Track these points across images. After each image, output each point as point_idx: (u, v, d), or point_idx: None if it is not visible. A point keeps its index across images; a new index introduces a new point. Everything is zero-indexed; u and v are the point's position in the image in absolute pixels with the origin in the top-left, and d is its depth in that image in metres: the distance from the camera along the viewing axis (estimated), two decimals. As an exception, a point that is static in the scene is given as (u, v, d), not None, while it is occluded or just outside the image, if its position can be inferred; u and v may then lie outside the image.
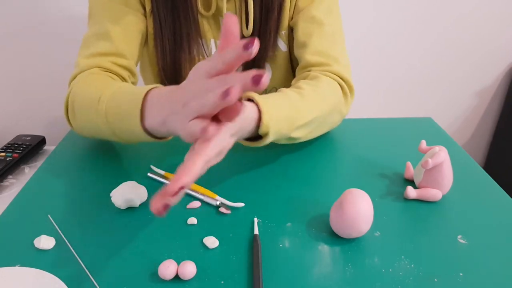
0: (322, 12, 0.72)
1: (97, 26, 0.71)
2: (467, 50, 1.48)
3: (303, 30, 0.72)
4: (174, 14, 0.70)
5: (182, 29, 0.71)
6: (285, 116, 0.55)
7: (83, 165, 0.64)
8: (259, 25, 0.72)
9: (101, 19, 0.70)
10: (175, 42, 0.72)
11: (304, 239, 0.48)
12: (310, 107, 0.60)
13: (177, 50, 0.73)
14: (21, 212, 0.53)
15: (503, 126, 1.59)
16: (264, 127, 0.51)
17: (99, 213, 0.53)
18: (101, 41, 0.69)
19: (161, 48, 0.73)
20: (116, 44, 0.69)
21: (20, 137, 0.81)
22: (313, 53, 0.71)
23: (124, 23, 0.70)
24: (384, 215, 0.52)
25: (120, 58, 0.69)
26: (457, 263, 0.44)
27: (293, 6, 0.74)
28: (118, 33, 0.69)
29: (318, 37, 0.71)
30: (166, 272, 0.42)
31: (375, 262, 0.45)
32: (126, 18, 0.70)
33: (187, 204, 0.54)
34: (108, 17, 0.70)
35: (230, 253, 0.46)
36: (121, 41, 0.70)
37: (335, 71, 0.69)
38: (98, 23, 0.71)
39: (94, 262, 0.45)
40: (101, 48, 0.69)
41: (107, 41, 0.69)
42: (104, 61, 0.68)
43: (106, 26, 0.69)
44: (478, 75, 1.54)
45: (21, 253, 0.46)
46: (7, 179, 0.70)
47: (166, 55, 0.73)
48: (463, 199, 0.55)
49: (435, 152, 0.53)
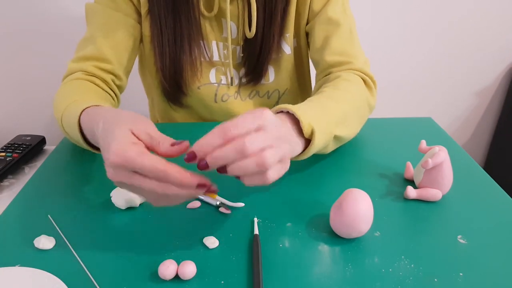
0: (337, 13, 0.72)
1: (88, 31, 0.73)
2: (467, 50, 1.48)
3: (321, 33, 0.72)
4: (175, 15, 0.70)
5: (183, 31, 0.71)
6: (318, 113, 0.54)
7: (83, 165, 0.64)
8: (262, 27, 0.72)
9: (92, 25, 0.72)
10: (175, 44, 0.72)
11: (304, 239, 0.48)
12: (337, 102, 0.59)
13: (177, 52, 0.72)
14: (21, 212, 0.53)
15: (503, 126, 1.59)
16: (306, 126, 0.50)
17: (99, 213, 0.53)
18: (87, 45, 0.71)
19: (159, 50, 0.73)
20: (99, 48, 0.70)
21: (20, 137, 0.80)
22: (332, 54, 0.71)
23: (111, 28, 0.71)
24: (384, 215, 0.52)
25: (102, 63, 0.71)
26: (457, 263, 0.44)
27: (307, 9, 0.73)
28: (103, 38, 0.71)
29: (337, 38, 0.72)
30: (166, 272, 0.42)
31: (375, 262, 0.45)
32: (115, 23, 0.71)
33: (187, 204, 0.54)
34: (97, 23, 0.72)
35: (230, 253, 0.46)
36: (106, 45, 0.71)
37: (356, 68, 0.70)
38: (89, 29, 0.73)
39: (94, 262, 0.45)
40: (86, 52, 0.71)
41: (92, 45, 0.71)
42: (87, 65, 0.70)
43: (93, 31, 0.71)
44: (478, 75, 1.54)
45: (21, 253, 0.46)
46: (7, 179, 0.70)
47: (165, 57, 0.73)
48: (463, 199, 0.55)
49: (435, 152, 0.53)
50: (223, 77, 0.78)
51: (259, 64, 0.75)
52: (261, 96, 0.81)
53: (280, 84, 0.80)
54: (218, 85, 0.78)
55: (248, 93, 0.80)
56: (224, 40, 0.75)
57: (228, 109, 0.79)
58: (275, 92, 0.81)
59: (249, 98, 0.81)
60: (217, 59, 0.77)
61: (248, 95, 0.81)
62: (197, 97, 0.78)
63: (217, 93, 0.78)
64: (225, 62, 0.77)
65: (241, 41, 0.75)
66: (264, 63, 0.75)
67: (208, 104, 0.79)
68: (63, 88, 0.68)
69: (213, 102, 0.79)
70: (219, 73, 0.78)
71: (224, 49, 0.76)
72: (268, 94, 0.81)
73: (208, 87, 0.77)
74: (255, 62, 0.75)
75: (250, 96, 0.81)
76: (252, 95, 0.81)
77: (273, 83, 0.79)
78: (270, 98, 0.81)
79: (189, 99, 0.79)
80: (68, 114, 0.58)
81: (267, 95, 0.81)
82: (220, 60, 0.77)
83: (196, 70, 0.75)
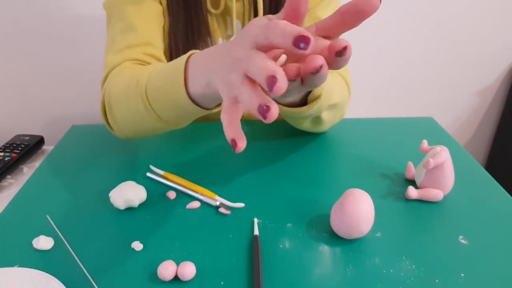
0: (327, 14, 0.72)
1: (120, 23, 0.69)
2: (468, 50, 1.48)
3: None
4: (186, 12, 0.70)
5: (194, 27, 0.71)
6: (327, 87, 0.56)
7: (82, 165, 0.64)
8: None
9: (123, 15, 0.69)
10: (188, 40, 0.72)
11: (305, 240, 0.48)
12: (336, 90, 0.62)
13: (190, 48, 0.72)
14: (20, 212, 0.53)
15: (504, 125, 1.59)
16: (319, 89, 0.52)
17: (98, 214, 0.53)
18: (127, 34, 0.68)
19: (175, 46, 0.72)
20: (142, 33, 0.68)
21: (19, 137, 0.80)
22: None
23: (146, 14, 0.69)
24: (385, 216, 0.51)
25: (148, 47, 0.68)
26: (458, 264, 0.44)
27: None
28: (143, 23, 0.68)
29: None
30: (166, 272, 0.41)
31: (376, 262, 0.44)
32: (148, 10, 0.70)
33: (186, 205, 0.54)
34: (130, 11, 0.69)
35: (230, 253, 0.46)
36: (147, 30, 0.68)
37: (339, 73, 0.71)
38: (121, 20, 0.69)
39: (93, 263, 0.45)
40: (128, 40, 0.67)
41: (133, 32, 0.68)
42: (133, 52, 0.66)
43: (130, 19, 0.68)
44: (480, 75, 1.54)
45: (19, 253, 0.46)
46: (5, 179, 0.70)
47: (179, 52, 0.72)
48: (464, 199, 0.55)
49: (437, 152, 0.52)
50: None
51: None
52: None
53: None
54: None
55: None
56: (229, 37, 0.76)
57: None
58: None
59: None
60: None
61: None
62: None
63: None
64: None
65: None
66: None
67: None
68: (117, 76, 0.60)
69: None
70: None
71: None
72: None
73: None
74: None
75: None
76: None
77: None
78: None
79: None
80: (159, 74, 0.50)
81: None
82: None
83: None
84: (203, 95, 0.44)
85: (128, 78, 0.56)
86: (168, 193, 0.56)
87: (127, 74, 0.58)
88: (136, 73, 0.55)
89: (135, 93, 0.53)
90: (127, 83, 0.55)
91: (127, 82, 0.55)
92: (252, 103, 0.32)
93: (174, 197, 0.56)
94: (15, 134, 0.82)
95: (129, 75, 0.57)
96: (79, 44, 1.28)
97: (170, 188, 0.57)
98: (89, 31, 0.74)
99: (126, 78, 0.57)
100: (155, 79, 0.51)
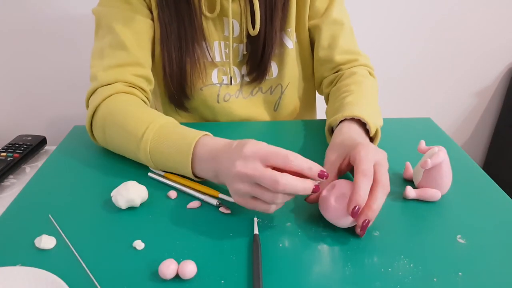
0: (340, 13, 0.78)
1: (110, 36, 0.70)
2: (466, 50, 1.48)
3: (327, 33, 0.78)
4: (179, 19, 0.70)
5: (187, 34, 0.71)
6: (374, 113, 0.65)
7: (84, 165, 0.64)
8: (264, 24, 0.73)
9: (113, 29, 0.69)
10: (181, 48, 0.72)
11: (304, 239, 0.48)
12: (372, 96, 0.71)
13: (183, 56, 0.72)
14: (22, 211, 0.54)
15: (502, 126, 1.60)
16: (373, 128, 0.60)
17: (100, 213, 0.53)
18: (117, 51, 0.69)
19: (168, 55, 0.72)
20: (133, 53, 0.69)
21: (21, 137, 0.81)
22: (341, 53, 0.79)
23: (136, 30, 0.70)
24: (384, 215, 0.52)
25: (138, 68, 0.70)
26: (456, 263, 0.45)
27: (308, 4, 0.76)
28: (133, 42, 0.69)
29: (343, 38, 0.78)
30: (167, 271, 0.42)
31: (374, 261, 0.45)
32: (138, 25, 0.70)
33: (187, 204, 0.54)
34: (121, 26, 0.69)
35: (231, 252, 0.46)
36: (137, 49, 0.70)
37: (362, 63, 0.80)
38: (111, 33, 0.70)
39: (95, 262, 0.45)
40: (119, 59, 0.68)
41: (124, 51, 0.69)
42: (124, 73, 0.68)
43: (120, 36, 0.69)
44: (477, 75, 1.54)
45: (22, 252, 0.46)
46: (8, 179, 0.70)
47: (172, 61, 0.72)
48: (462, 199, 0.56)
49: (434, 152, 0.53)
50: (225, 77, 0.78)
51: (263, 60, 0.76)
52: (264, 92, 0.82)
53: (283, 78, 0.80)
54: (220, 85, 0.78)
55: (251, 90, 0.81)
56: (226, 39, 0.76)
57: (230, 108, 0.80)
58: (278, 87, 0.81)
59: (251, 95, 0.81)
60: (219, 59, 0.77)
61: (250, 93, 0.81)
62: (200, 98, 0.78)
63: (220, 93, 0.78)
64: (226, 61, 0.77)
65: (245, 38, 0.76)
66: (268, 59, 0.76)
67: (211, 105, 0.79)
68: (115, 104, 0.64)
69: (215, 103, 0.79)
70: (221, 73, 0.78)
71: (225, 48, 0.76)
72: (271, 90, 0.81)
73: (211, 88, 0.78)
74: (259, 59, 0.76)
75: (253, 93, 0.81)
76: (254, 92, 0.81)
77: (276, 78, 0.80)
78: (273, 93, 0.82)
79: (193, 102, 0.79)
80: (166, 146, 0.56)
81: (270, 91, 0.81)
82: (221, 60, 0.77)
83: (201, 73, 0.75)
84: (208, 179, 0.55)
85: (130, 121, 0.60)
86: (169, 193, 0.56)
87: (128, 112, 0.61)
88: (140, 121, 0.59)
89: (138, 146, 0.58)
90: (129, 128, 0.59)
91: (129, 125, 0.59)
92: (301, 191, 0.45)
93: (175, 196, 0.56)
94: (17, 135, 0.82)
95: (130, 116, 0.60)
96: (81, 45, 1.29)
97: (171, 188, 0.58)
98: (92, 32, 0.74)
99: (127, 118, 0.60)
100: (161, 152, 0.57)
